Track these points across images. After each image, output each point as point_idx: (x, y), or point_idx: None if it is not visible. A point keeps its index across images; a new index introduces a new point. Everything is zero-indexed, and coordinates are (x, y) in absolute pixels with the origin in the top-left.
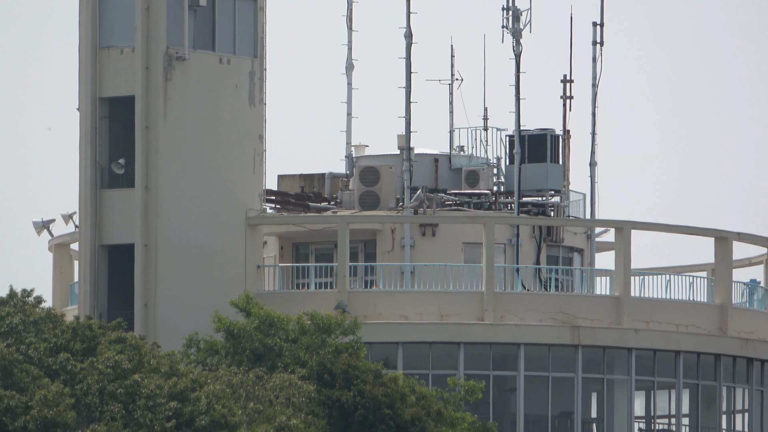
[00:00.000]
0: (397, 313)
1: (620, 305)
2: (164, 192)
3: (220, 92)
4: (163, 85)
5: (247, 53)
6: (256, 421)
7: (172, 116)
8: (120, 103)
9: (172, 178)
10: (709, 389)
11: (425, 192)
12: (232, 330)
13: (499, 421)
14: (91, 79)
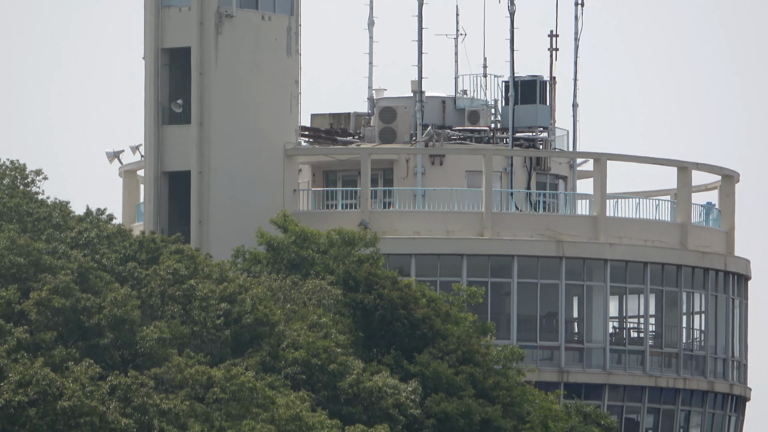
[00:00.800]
0: (410, 229)
1: (597, 223)
2: (215, 127)
3: (262, 44)
4: (215, 38)
5: (285, 11)
6: (292, 319)
7: (222, 64)
8: (178, 53)
9: (222, 116)
10: (671, 294)
11: (434, 128)
12: (272, 243)
13: (496, 321)
14: (155, 33)
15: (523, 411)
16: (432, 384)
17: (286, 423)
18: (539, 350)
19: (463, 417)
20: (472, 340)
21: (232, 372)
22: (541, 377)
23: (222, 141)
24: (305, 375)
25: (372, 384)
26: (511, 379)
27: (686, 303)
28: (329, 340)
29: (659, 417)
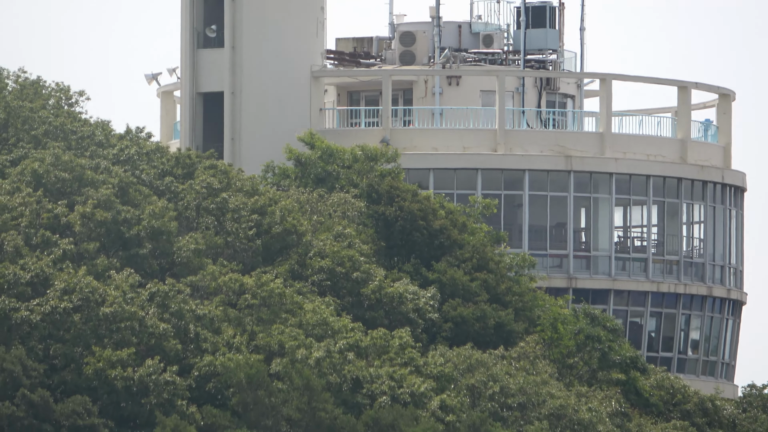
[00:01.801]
0: (428, 145)
1: (603, 139)
2: (247, 51)
3: None
4: None
5: None
6: (319, 230)
7: None
8: None
9: (253, 40)
10: (672, 205)
11: (451, 51)
12: (300, 159)
13: (509, 231)
14: None
15: (534, 315)
16: (449, 290)
17: (312, 327)
18: (549, 258)
19: (478, 321)
20: (487, 249)
21: (263, 279)
22: (550, 283)
23: (253, 64)
24: (330, 282)
25: (393, 290)
26: (522, 285)
27: (686, 213)
28: (353, 250)
29: (661, 320)
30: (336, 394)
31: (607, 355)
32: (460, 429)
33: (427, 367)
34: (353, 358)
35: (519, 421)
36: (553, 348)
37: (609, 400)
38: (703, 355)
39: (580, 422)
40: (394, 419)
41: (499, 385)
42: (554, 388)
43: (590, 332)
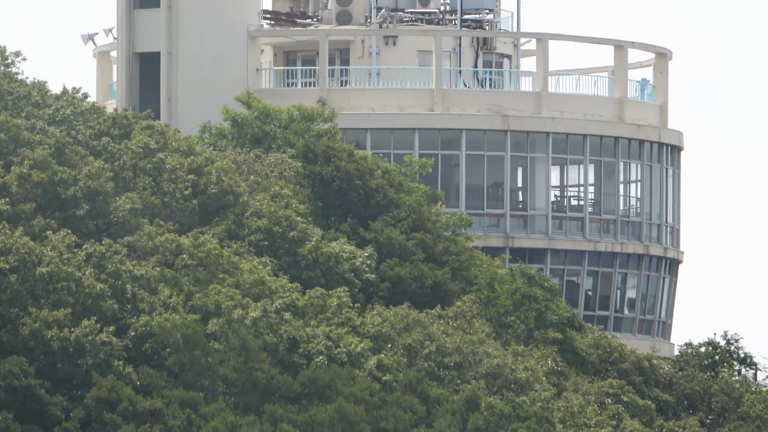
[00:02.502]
0: (365, 105)
1: (540, 99)
2: (183, 11)
3: None
4: None
5: None
6: (256, 190)
7: None
8: None
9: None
10: (609, 165)
11: (388, 11)
12: (236, 119)
13: (446, 190)
14: None
15: (471, 274)
16: (386, 250)
17: (249, 287)
18: (486, 218)
19: (415, 280)
20: (423, 208)
21: (200, 240)
22: (487, 243)
23: (189, 24)
24: (267, 242)
25: (330, 250)
26: (459, 245)
27: (623, 173)
28: (290, 210)
29: (598, 279)
30: (272, 354)
31: (543, 315)
32: (397, 388)
33: (363, 327)
34: (290, 318)
35: (455, 381)
36: (490, 307)
37: (545, 359)
38: (639, 314)
39: (516, 381)
40: (330, 379)
41: (436, 344)
42: (491, 348)
43: (527, 292)
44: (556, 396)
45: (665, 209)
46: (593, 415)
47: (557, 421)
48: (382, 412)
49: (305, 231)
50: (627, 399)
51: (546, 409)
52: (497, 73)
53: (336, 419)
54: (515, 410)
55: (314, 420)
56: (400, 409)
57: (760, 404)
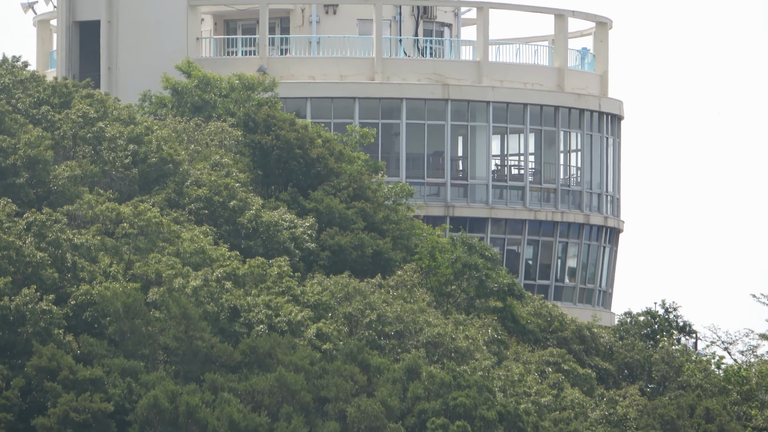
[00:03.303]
0: (306, 74)
1: (480, 68)
2: None
3: None
4: None
5: None
6: (196, 159)
7: None
8: None
9: None
10: (549, 134)
11: None
12: (177, 88)
13: (387, 160)
14: None
15: (412, 243)
16: (326, 219)
17: (190, 256)
18: (426, 187)
19: (356, 249)
20: (364, 177)
21: (140, 208)
22: (428, 212)
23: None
24: (207, 211)
25: (270, 219)
26: (400, 214)
27: (563, 142)
28: (230, 178)
29: (538, 248)
30: (213, 323)
31: (484, 283)
32: (337, 357)
33: (304, 296)
34: (230, 287)
35: (396, 350)
36: (431, 276)
37: (486, 328)
38: (580, 283)
39: (457, 350)
40: (271, 348)
41: (377, 313)
42: (431, 317)
43: (467, 260)
44: (497, 365)
45: (605, 178)
46: (534, 384)
47: (497, 389)
48: (322, 381)
49: (245, 200)
50: (567, 368)
51: (486, 377)
52: (438, 42)
53: (276, 388)
54: (456, 379)
55: (254, 389)
56: (341, 377)
57: (700, 373)
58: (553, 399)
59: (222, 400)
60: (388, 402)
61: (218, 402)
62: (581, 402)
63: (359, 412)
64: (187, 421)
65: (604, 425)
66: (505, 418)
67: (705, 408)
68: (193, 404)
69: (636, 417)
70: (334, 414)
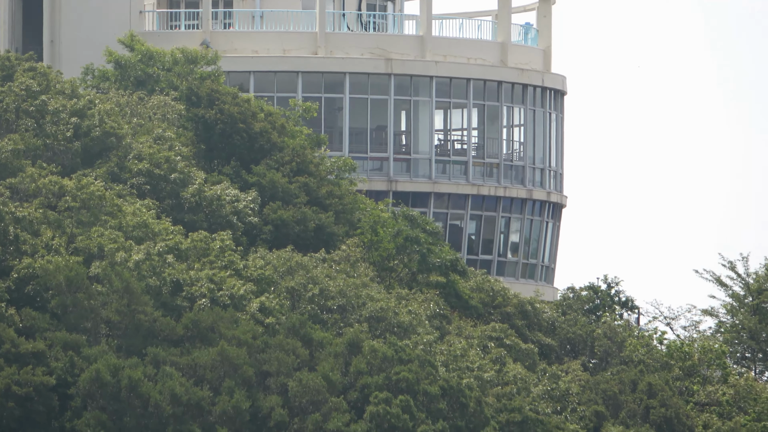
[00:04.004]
0: (249, 48)
1: (424, 43)
2: None
3: None
4: None
5: None
6: (139, 132)
7: None
8: None
9: None
10: (493, 109)
11: None
12: (120, 61)
13: (330, 134)
14: None
15: (354, 218)
16: (269, 193)
17: (132, 229)
18: (369, 161)
19: (298, 224)
20: (307, 151)
21: (83, 182)
22: (371, 186)
23: None
24: (150, 185)
25: (213, 193)
26: (343, 188)
27: (506, 117)
28: (172, 152)
29: (481, 223)
30: (155, 297)
31: (426, 258)
32: (280, 331)
33: (247, 270)
34: (173, 261)
35: (339, 324)
36: (374, 251)
37: (428, 303)
38: (522, 258)
39: (399, 325)
40: (213, 321)
41: (319, 287)
42: (374, 291)
43: (410, 235)
44: (439, 340)
45: (548, 153)
46: (476, 359)
47: (440, 364)
48: (264, 355)
49: (188, 174)
50: (510, 343)
51: (429, 352)
52: (381, 16)
53: (218, 362)
54: (398, 353)
55: (197, 363)
56: (283, 352)
57: (642, 348)
58: (496, 374)
59: (164, 374)
60: (330, 376)
61: (160, 376)
62: (524, 377)
63: (301, 387)
64: (129, 395)
65: (547, 400)
66: (448, 393)
67: (647, 383)
68: (135, 378)
69: (578, 392)
70: (276, 388)
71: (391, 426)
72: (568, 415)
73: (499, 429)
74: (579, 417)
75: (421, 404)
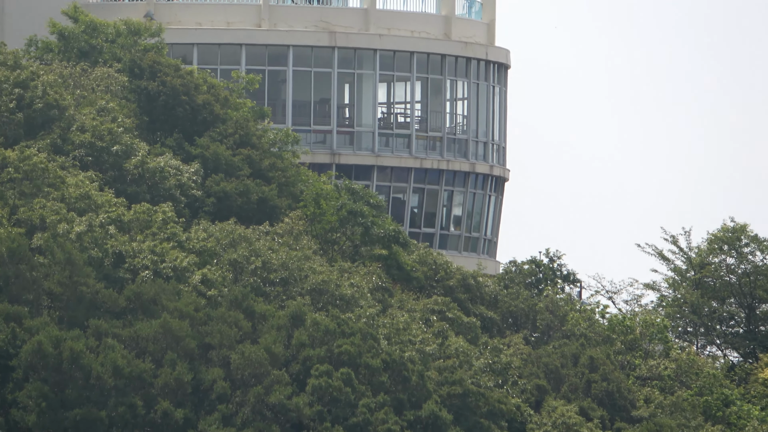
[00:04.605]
0: (192, 20)
1: (368, 16)
2: None
3: None
4: None
5: None
6: (82, 104)
7: None
8: None
9: None
10: (436, 82)
11: None
12: (63, 33)
13: (273, 106)
14: None
15: (297, 191)
16: (212, 165)
17: (75, 201)
18: (313, 134)
19: (241, 196)
20: (250, 124)
21: (25, 153)
22: (314, 159)
23: None
24: (92, 157)
25: (156, 165)
26: (286, 161)
27: (450, 90)
28: (115, 124)
29: (424, 196)
30: (98, 269)
31: (369, 231)
32: (222, 304)
33: (189, 242)
34: (115, 233)
35: (281, 297)
36: (316, 224)
37: (371, 276)
38: (465, 232)
39: (342, 297)
40: (155, 293)
41: (262, 260)
42: (317, 264)
43: (353, 208)
44: (382, 313)
45: (491, 127)
46: (418, 332)
47: (382, 337)
48: (207, 327)
49: (130, 146)
50: (452, 316)
51: (371, 325)
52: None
53: (161, 334)
54: (340, 326)
55: (139, 335)
56: (225, 324)
57: (584, 322)
58: (438, 347)
59: (106, 346)
60: (273, 349)
61: (102, 348)
62: (465, 350)
63: (243, 359)
64: (71, 367)
65: (488, 374)
66: (390, 366)
67: (589, 357)
68: (77, 350)
69: (520, 365)
70: (218, 360)
71: (332, 399)
72: (509, 389)
73: (440, 402)
74: (520, 390)
75: (363, 377)
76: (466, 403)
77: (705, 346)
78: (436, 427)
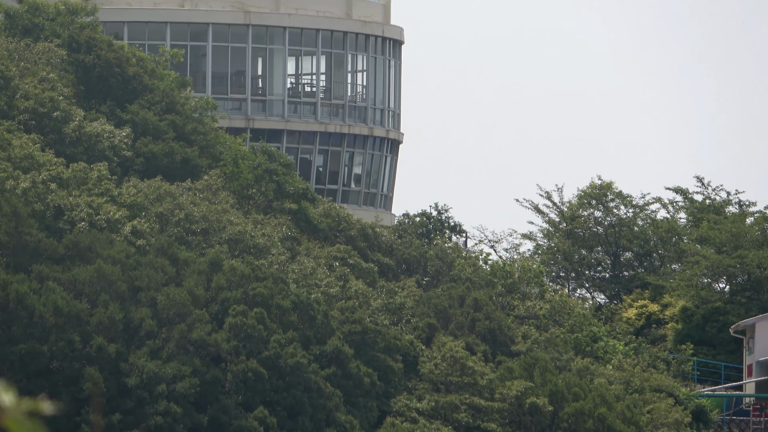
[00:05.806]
0: (123, 1)
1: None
2: None
3: None
4: None
5: None
6: (26, 75)
7: None
8: None
9: None
10: (339, 56)
11: None
12: (9, 12)
13: (194, 77)
14: None
15: (217, 152)
16: (141, 129)
17: (20, 161)
18: (230, 102)
19: (167, 156)
20: (174, 93)
21: None
22: (231, 124)
23: None
24: (35, 122)
25: (91, 129)
26: (206, 126)
27: (351, 63)
28: (55, 93)
29: (328, 157)
30: (40, 221)
31: (282, 187)
32: (150, 251)
33: (121, 197)
34: (56, 189)
35: (202, 245)
36: (234, 181)
37: (281, 227)
38: (364, 188)
39: (255, 246)
40: (91, 242)
41: (185, 213)
42: (233, 216)
43: (267, 167)
44: (291, 259)
45: (388, 96)
46: (323, 277)
47: (291, 281)
48: (136, 272)
49: (69, 112)
50: (353, 262)
51: (282, 271)
52: None
53: (96, 278)
54: (254, 272)
55: (76, 279)
56: (153, 269)
57: (469, 268)
58: (340, 290)
59: (47, 289)
60: (194, 291)
61: (44, 290)
62: (364, 292)
63: (168, 300)
64: (17, 307)
65: (385, 313)
66: (298, 307)
67: (473, 299)
68: (21, 292)
69: (412, 306)
70: (147, 301)
71: (247, 335)
72: (403, 326)
73: (343, 338)
74: (413, 328)
75: (274, 316)
76: (365, 339)
77: (575, 289)
78: (339, 360)
